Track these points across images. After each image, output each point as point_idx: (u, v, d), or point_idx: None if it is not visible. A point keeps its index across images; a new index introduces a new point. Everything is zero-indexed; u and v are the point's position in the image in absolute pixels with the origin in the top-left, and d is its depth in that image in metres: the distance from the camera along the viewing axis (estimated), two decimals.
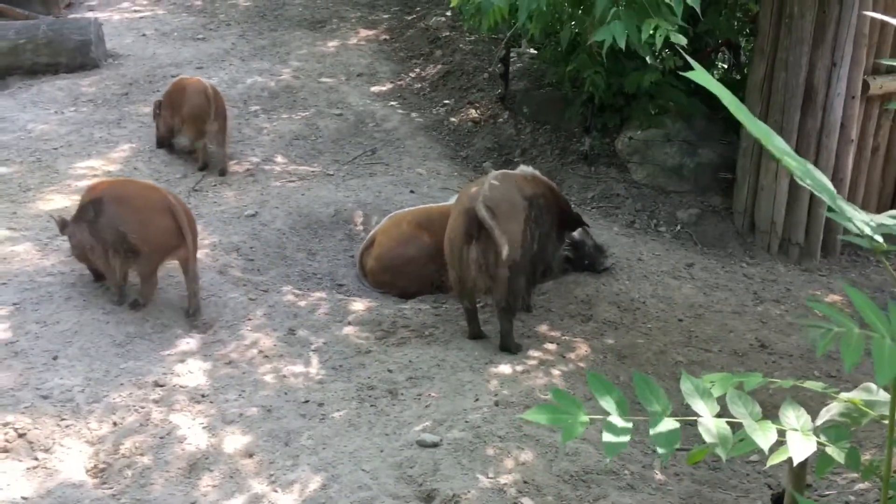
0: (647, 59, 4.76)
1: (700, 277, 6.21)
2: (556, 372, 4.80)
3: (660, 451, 1.80)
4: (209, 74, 8.45)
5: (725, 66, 8.35)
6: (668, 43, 4.46)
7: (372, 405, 4.41)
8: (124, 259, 5.01)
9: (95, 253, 5.06)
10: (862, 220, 1.58)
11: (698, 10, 4.33)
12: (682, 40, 4.33)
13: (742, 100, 6.80)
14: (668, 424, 1.87)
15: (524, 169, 5.42)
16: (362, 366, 4.76)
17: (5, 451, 3.86)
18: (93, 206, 5.05)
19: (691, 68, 1.55)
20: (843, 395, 2.07)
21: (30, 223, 5.92)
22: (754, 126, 1.52)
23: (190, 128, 6.96)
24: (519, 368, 4.76)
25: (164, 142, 7.23)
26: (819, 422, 2.06)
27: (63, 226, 5.23)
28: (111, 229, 4.96)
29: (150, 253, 5.04)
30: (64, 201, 6.19)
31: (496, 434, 4.08)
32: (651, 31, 4.30)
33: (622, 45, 4.34)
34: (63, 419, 4.12)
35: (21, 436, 3.96)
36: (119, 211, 5.00)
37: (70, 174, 6.73)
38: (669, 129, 7.29)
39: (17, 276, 5.20)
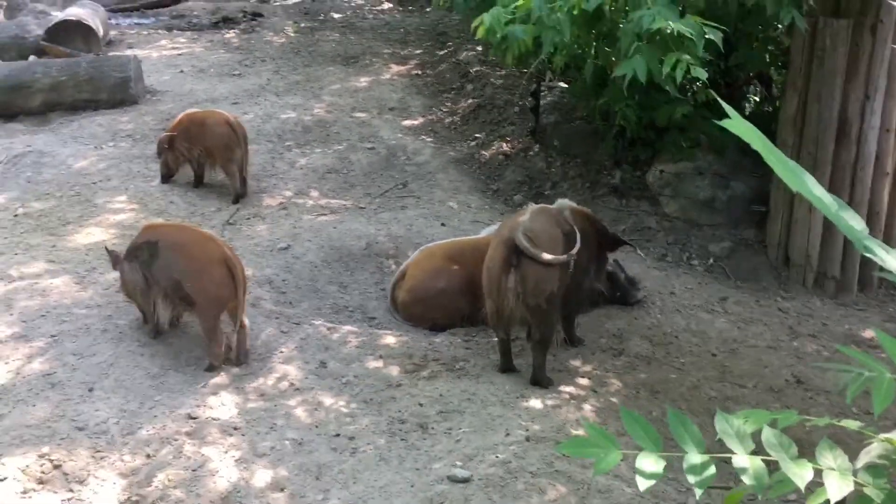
0: (671, 92, 4.79)
1: (734, 311, 6.14)
2: (587, 407, 4.76)
3: (696, 490, 1.79)
4: (244, 110, 8.60)
5: (757, 99, 8.32)
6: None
7: (402, 439, 4.40)
8: (179, 307, 5.03)
9: (143, 294, 5.06)
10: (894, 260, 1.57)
11: (720, 44, 4.35)
12: (702, 74, 4.35)
13: (775, 132, 6.80)
14: (703, 462, 1.86)
15: (561, 202, 5.46)
16: (393, 399, 4.76)
17: (41, 482, 3.91)
18: (147, 248, 5.05)
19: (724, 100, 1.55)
20: (882, 436, 2.03)
21: (68, 256, 6.03)
22: (787, 172, 1.51)
23: (219, 158, 7.12)
24: (550, 403, 4.73)
25: (169, 177, 7.28)
26: (859, 464, 2.02)
27: (116, 261, 5.25)
28: (166, 275, 4.96)
29: (207, 305, 4.92)
30: (102, 235, 6.30)
31: (527, 469, 4.05)
32: (672, 66, 4.33)
33: (643, 79, 4.37)
34: (98, 451, 4.16)
35: (56, 467, 4.00)
36: (175, 257, 4.99)
37: (108, 208, 6.86)
38: (701, 162, 7.26)
39: (55, 309, 5.29)
